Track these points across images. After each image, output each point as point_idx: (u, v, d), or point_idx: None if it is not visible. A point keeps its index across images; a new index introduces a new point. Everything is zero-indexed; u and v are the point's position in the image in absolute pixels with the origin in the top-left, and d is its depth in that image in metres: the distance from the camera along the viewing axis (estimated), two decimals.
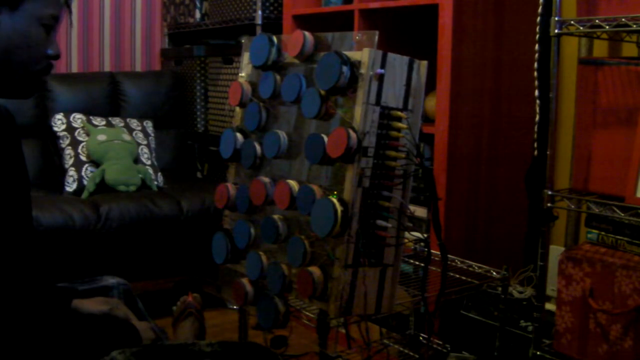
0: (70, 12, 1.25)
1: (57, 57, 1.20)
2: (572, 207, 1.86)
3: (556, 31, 1.80)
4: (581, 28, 1.76)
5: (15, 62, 1.13)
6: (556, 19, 1.80)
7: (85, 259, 2.73)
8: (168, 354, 1.28)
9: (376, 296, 1.40)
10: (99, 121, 3.24)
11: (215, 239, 1.62)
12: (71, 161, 3.09)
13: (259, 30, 3.10)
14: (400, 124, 1.36)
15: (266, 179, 1.50)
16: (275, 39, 1.52)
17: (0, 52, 1.10)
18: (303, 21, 2.88)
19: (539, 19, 2.09)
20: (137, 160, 3.20)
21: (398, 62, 1.37)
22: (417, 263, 1.98)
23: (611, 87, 1.80)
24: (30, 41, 1.13)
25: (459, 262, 1.96)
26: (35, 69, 1.16)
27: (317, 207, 1.33)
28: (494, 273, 1.88)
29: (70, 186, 3.05)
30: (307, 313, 1.58)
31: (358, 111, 1.32)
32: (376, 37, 1.33)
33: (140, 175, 3.14)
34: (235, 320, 1.95)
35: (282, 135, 1.47)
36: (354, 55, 1.34)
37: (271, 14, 3.12)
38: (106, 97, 3.49)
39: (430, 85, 2.11)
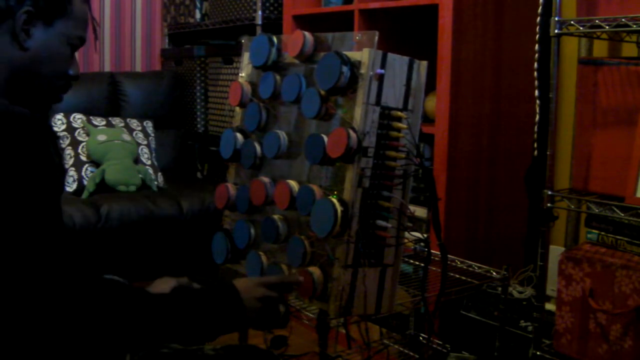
0: (96, 36, 1.30)
1: (76, 78, 1.26)
2: (572, 207, 1.86)
3: (556, 31, 1.80)
4: (581, 28, 1.76)
5: (39, 76, 1.18)
6: (556, 19, 1.80)
7: (85, 259, 2.72)
8: (171, 359, 1.28)
9: (376, 296, 1.40)
10: (99, 121, 3.24)
11: (215, 239, 1.62)
12: (71, 161, 3.09)
13: (259, 30, 3.10)
14: (400, 124, 1.36)
15: (266, 179, 1.50)
16: (275, 39, 1.51)
17: (29, 63, 1.16)
18: (303, 21, 2.88)
19: (539, 19, 2.10)
20: (137, 160, 3.20)
21: (398, 62, 1.37)
22: (417, 263, 1.98)
23: (611, 87, 1.80)
24: (56, 58, 1.19)
25: (459, 262, 1.96)
26: (55, 85, 1.22)
27: (317, 207, 1.33)
28: (494, 273, 1.88)
29: (71, 186, 3.05)
30: (307, 313, 1.58)
31: (358, 111, 1.32)
32: (376, 37, 1.33)
33: (140, 175, 3.14)
34: None
35: (282, 135, 1.47)
36: (354, 55, 1.34)
37: (271, 14, 3.12)
38: (106, 97, 3.49)
39: (430, 85, 2.11)
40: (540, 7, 2.09)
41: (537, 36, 2.10)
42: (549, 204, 1.86)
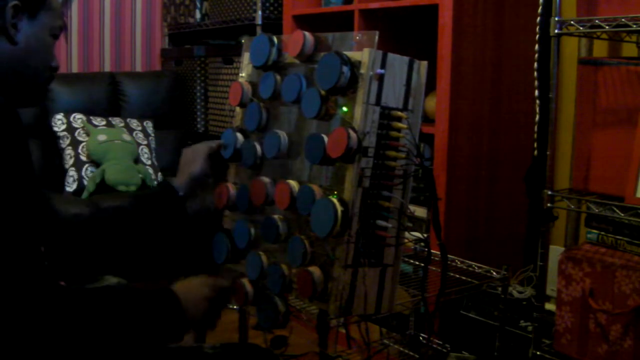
0: (65, 28, 1.32)
1: (57, 69, 1.27)
2: (572, 207, 1.86)
3: (556, 31, 1.80)
4: (581, 28, 1.76)
5: (30, 68, 1.19)
6: (556, 19, 1.80)
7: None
8: (171, 357, 1.28)
9: (376, 296, 1.40)
10: (99, 121, 3.24)
11: (216, 239, 1.62)
12: (71, 161, 3.09)
13: (259, 30, 3.10)
14: (400, 124, 1.36)
15: (266, 179, 1.50)
16: (275, 39, 1.51)
17: (20, 57, 1.17)
18: (303, 21, 2.88)
19: (539, 19, 2.09)
20: (137, 160, 3.20)
21: (398, 62, 1.37)
22: (417, 263, 1.98)
23: (611, 87, 1.80)
24: (43, 50, 1.20)
25: (459, 262, 1.96)
26: (42, 77, 1.23)
27: (317, 207, 1.33)
28: (494, 273, 1.88)
29: (71, 186, 3.05)
30: (307, 313, 1.58)
31: (358, 111, 1.32)
32: (376, 37, 1.33)
33: (140, 175, 3.14)
34: (235, 320, 1.95)
35: (282, 135, 1.47)
36: (354, 55, 1.34)
37: (271, 14, 3.12)
38: (106, 97, 3.49)
39: (430, 85, 2.11)
40: (540, 7, 2.08)
41: (537, 36, 2.10)
42: (549, 204, 1.86)
